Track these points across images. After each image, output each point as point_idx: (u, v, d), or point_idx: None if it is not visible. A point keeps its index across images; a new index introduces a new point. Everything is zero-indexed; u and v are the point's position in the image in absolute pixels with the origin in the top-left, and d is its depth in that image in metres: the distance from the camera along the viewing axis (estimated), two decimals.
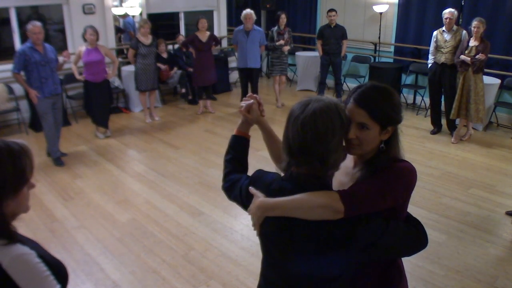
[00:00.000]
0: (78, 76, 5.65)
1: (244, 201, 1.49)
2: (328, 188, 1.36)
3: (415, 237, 1.41)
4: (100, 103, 5.82)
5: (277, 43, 7.14)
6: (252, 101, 1.59)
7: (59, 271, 1.29)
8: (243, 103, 1.59)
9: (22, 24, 6.45)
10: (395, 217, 1.40)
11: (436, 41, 5.79)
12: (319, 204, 1.28)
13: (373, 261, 1.47)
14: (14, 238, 1.22)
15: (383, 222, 1.33)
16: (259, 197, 1.40)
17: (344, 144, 1.37)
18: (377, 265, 1.49)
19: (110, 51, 5.90)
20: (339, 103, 1.34)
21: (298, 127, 1.28)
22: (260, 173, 1.51)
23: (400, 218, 1.45)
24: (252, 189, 1.44)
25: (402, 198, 1.40)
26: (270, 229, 1.39)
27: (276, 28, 7.24)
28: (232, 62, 8.68)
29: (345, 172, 1.50)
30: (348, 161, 1.51)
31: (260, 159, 5.25)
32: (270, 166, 1.73)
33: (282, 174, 1.43)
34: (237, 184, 1.54)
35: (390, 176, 1.37)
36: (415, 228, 1.43)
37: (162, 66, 7.14)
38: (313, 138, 1.26)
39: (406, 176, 1.39)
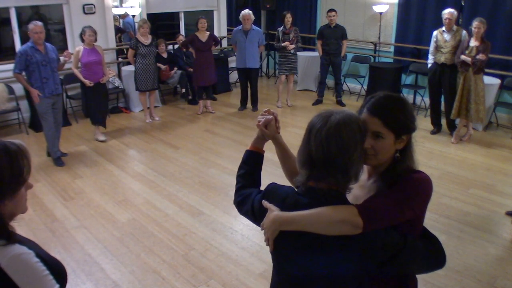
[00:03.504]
0: (87, 82, 5.50)
1: (256, 215, 1.47)
2: (346, 203, 1.33)
3: (432, 255, 1.40)
4: (100, 102, 5.82)
5: (282, 44, 7.13)
6: (270, 116, 1.59)
7: (58, 271, 1.29)
8: (261, 118, 1.59)
9: (22, 24, 6.45)
10: (412, 230, 1.39)
11: (436, 41, 5.79)
12: (338, 219, 1.26)
13: (391, 275, 1.45)
14: (12, 238, 1.21)
15: (401, 238, 1.32)
16: (273, 211, 1.36)
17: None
18: (394, 277, 1.48)
19: (103, 53, 5.84)
20: (357, 114, 1.36)
21: (322, 139, 1.26)
22: (274, 186, 1.47)
23: (417, 230, 1.43)
24: (265, 203, 1.41)
25: (419, 210, 1.38)
26: (285, 245, 1.36)
27: (282, 28, 7.23)
28: (232, 62, 8.67)
29: (359, 185, 1.46)
30: (362, 174, 1.48)
31: None
32: (269, 165, 1.74)
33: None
34: (249, 198, 1.52)
35: (407, 188, 1.35)
36: (433, 246, 1.41)
37: (162, 66, 7.15)
38: (338, 150, 1.25)
39: (423, 188, 1.38)
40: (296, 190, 1.39)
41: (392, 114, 1.37)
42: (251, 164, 1.60)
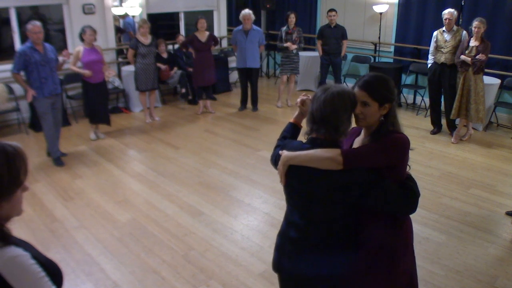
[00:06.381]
0: (85, 72, 5.45)
1: (276, 162, 1.92)
2: (336, 148, 1.77)
3: (403, 199, 1.81)
4: (102, 101, 5.83)
5: (284, 45, 7.13)
6: (306, 97, 2.05)
7: (54, 272, 1.28)
8: (299, 99, 2.06)
9: (22, 24, 6.45)
10: (392, 177, 1.80)
11: (436, 41, 5.79)
12: (325, 157, 1.72)
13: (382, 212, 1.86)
14: (8, 240, 1.21)
15: (378, 178, 1.76)
16: (284, 153, 1.85)
17: (354, 118, 1.85)
18: (386, 215, 1.88)
19: (103, 53, 5.84)
20: (350, 89, 1.84)
21: (320, 103, 1.75)
22: (288, 141, 2.00)
23: (397, 178, 1.83)
24: (281, 151, 1.88)
25: (395, 159, 1.81)
26: (294, 181, 1.84)
27: (285, 27, 7.23)
28: (232, 62, 8.68)
29: (358, 144, 1.95)
30: (361, 137, 1.97)
31: (259, 159, 5.25)
32: (269, 165, 1.78)
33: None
34: (274, 152, 2.01)
35: (385, 141, 1.80)
36: (406, 192, 1.82)
37: (162, 66, 7.14)
38: (331, 112, 1.74)
39: (399, 143, 1.82)
40: (303, 142, 1.88)
41: (375, 88, 1.83)
42: (290, 132, 2.08)
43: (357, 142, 1.97)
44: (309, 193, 1.82)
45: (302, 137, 1.99)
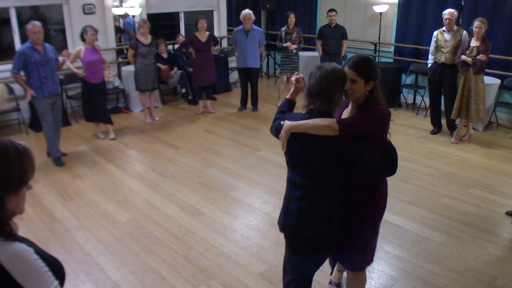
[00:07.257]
0: (79, 72, 5.48)
1: (278, 132, 2.19)
2: (331, 118, 2.09)
3: (384, 163, 2.15)
4: (102, 101, 5.83)
5: (284, 45, 7.14)
6: (300, 75, 2.38)
7: (57, 268, 1.31)
8: (293, 77, 2.38)
9: (22, 24, 6.45)
10: (377, 144, 2.13)
11: (436, 41, 5.79)
12: (323, 125, 2.04)
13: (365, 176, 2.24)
14: (11, 235, 1.24)
15: (366, 143, 2.07)
16: (286, 122, 2.14)
17: (344, 93, 2.14)
18: (368, 178, 2.27)
19: (101, 51, 5.84)
20: (341, 67, 2.15)
21: (316, 79, 2.06)
22: (288, 113, 2.28)
23: (381, 145, 2.17)
24: (282, 122, 2.17)
25: (378, 127, 2.16)
26: (295, 146, 2.14)
27: (284, 28, 7.23)
28: (232, 62, 8.68)
29: (347, 115, 2.28)
30: (349, 108, 2.30)
31: (259, 159, 5.25)
32: (268, 165, 1.77)
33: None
34: (275, 124, 2.28)
35: (370, 111, 2.15)
36: (388, 158, 2.16)
37: (162, 66, 7.14)
38: (325, 86, 2.05)
39: (381, 113, 2.17)
40: (302, 113, 2.17)
41: (362, 67, 2.15)
42: (287, 107, 2.37)
43: (345, 113, 2.31)
44: (308, 157, 2.13)
45: (300, 110, 2.23)
